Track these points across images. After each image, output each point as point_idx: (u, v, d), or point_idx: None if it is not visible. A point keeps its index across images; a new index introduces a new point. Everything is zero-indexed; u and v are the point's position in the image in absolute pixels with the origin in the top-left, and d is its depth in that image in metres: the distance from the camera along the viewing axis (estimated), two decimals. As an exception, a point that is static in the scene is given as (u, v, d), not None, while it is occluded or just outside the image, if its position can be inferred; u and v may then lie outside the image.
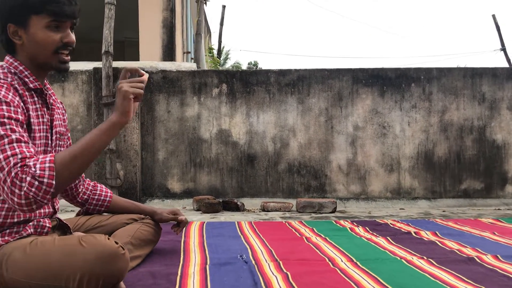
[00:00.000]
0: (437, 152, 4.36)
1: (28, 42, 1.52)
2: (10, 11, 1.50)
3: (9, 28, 1.52)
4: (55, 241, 1.52)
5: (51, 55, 1.54)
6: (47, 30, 1.51)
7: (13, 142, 1.37)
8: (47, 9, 1.49)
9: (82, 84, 4.15)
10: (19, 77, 1.54)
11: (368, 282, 1.73)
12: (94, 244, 1.47)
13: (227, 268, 1.93)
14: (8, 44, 1.56)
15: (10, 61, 1.56)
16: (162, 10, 5.30)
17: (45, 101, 1.63)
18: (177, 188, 4.23)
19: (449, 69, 4.43)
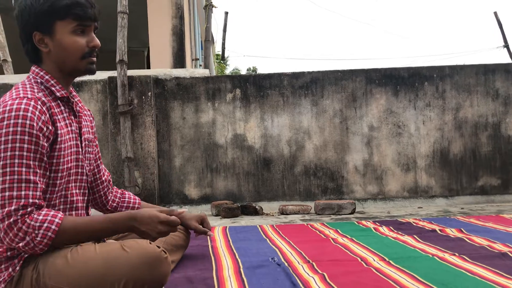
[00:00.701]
0: (452, 150, 4.35)
1: (55, 49, 1.52)
2: (36, 18, 1.49)
3: (35, 37, 1.51)
4: (96, 248, 1.52)
5: (79, 60, 1.55)
6: (73, 35, 1.52)
7: (22, 182, 1.37)
8: (72, 13, 1.50)
9: (97, 93, 4.17)
10: (45, 86, 1.54)
11: (407, 280, 1.73)
12: (137, 249, 1.48)
13: (262, 271, 1.93)
14: (34, 53, 1.55)
15: (36, 71, 1.55)
16: (172, 18, 5.33)
17: (72, 109, 1.63)
18: (194, 194, 4.23)
19: (461, 66, 4.43)
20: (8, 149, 1.37)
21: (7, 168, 1.36)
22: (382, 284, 1.69)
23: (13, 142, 1.37)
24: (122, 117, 3.98)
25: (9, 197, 1.34)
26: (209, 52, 6.38)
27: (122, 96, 3.97)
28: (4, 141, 1.37)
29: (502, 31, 14.81)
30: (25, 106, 1.40)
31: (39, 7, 1.48)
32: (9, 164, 1.36)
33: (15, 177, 1.36)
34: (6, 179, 1.35)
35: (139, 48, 12.09)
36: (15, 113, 1.38)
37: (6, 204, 1.34)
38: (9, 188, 1.35)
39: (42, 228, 1.37)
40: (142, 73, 4.21)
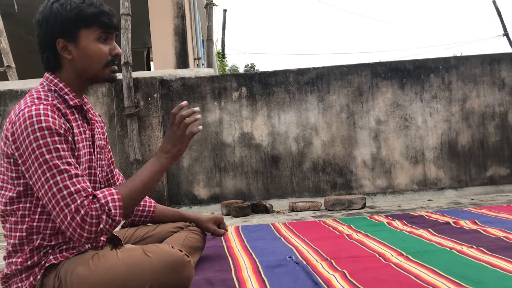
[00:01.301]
0: (460, 141, 4.34)
1: (79, 56, 1.52)
2: (62, 25, 1.48)
3: (59, 44, 1.50)
4: (118, 254, 1.52)
5: (102, 68, 1.55)
6: (97, 42, 1.52)
7: (73, 178, 1.38)
8: (98, 21, 1.51)
9: (102, 96, 4.16)
10: (59, 94, 1.53)
11: (428, 274, 1.72)
12: (160, 254, 1.48)
13: (281, 270, 1.93)
14: (55, 60, 1.54)
15: (50, 78, 1.55)
16: (173, 18, 5.32)
17: (85, 116, 1.62)
18: (203, 194, 4.23)
19: (466, 57, 4.42)
20: (45, 153, 1.37)
21: (54, 170, 1.37)
22: (403, 279, 1.69)
23: (47, 145, 1.37)
24: (129, 119, 3.98)
25: (69, 194, 1.36)
26: (211, 51, 6.37)
27: (128, 98, 3.96)
28: (37, 146, 1.37)
29: (501, 20, 14.77)
30: (44, 111, 1.40)
31: (66, 14, 1.48)
32: (53, 165, 1.37)
33: (65, 175, 1.37)
34: (57, 179, 1.36)
35: (139, 49, 12.08)
36: (36, 118, 1.38)
37: (70, 201, 1.36)
38: (65, 186, 1.36)
39: (109, 202, 1.40)
40: (147, 75, 4.21)
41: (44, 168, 1.36)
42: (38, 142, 1.37)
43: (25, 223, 1.48)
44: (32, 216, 1.46)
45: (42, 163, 1.37)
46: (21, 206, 1.47)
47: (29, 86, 4.22)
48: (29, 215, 1.47)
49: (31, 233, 1.48)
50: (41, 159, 1.37)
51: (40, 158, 1.37)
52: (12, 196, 1.47)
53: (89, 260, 1.50)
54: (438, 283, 1.61)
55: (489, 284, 1.58)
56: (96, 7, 1.51)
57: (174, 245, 1.96)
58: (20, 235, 1.48)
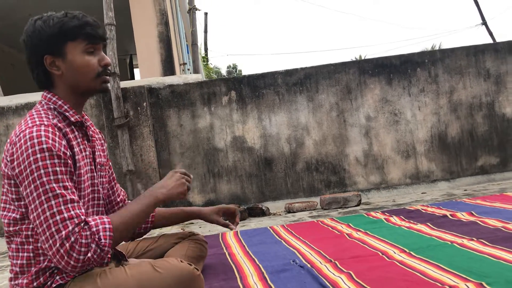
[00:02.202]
0: (450, 133, 4.39)
1: (68, 70, 1.50)
2: (47, 42, 1.47)
3: (46, 60, 1.48)
4: (126, 270, 1.51)
5: (93, 80, 1.53)
6: (85, 55, 1.50)
7: (68, 203, 1.36)
8: (83, 33, 1.49)
9: (91, 108, 4.13)
10: (59, 112, 1.51)
11: (433, 270, 1.74)
12: (170, 269, 1.47)
13: (286, 275, 1.93)
14: (46, 77, 1.52)
15: (48, 96, 1.53)
16: (157, 25, 5.29)
17: (86, 133, 1.60)
18: (198, 200, 4.22)
19: (451, 49, 4.47)
20: (42, 175, 1.35)
21: (49, 194, 1.35)
22: (410, 277, 1.70)
23: (45, 168, 1.35)
24: (119, 130, 3.95)
25: (61, 220, 1.33)
26: (197, 56, 6.35)
27: (118, 109, 3.93)
28: (35, 168, 1.35)
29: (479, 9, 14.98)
30: (45, 133, 1.38)
31: (50, 30, 1.47)
32: (49, 189, 1.35)
33: (60, 200, 1.35)
34: (52, 204, 1.34)
35: (121, 56, 11.99)
36: (37, 140, 1.36)
37: (61, 227, 1.33)
38: (59, 211, 1.34)
39: (100, 231, 1.38)
40: (135, 84, 4.18)
41: (40, 191, 1.35)
42: (37, 164, 1.35)
43: (30, 244, 1.46)
44: (35, 237, 1.45)
45: (39, 186, 1.35)
46: (25, 227, 1.46)
47: (16, 101, 4.17)
48: (33, 236, 1.45)
49: (38, 254, 1.46)
50: (38, 181, 1.35)
51: (37, 180, 1.35)
52: (15, 217, 1.46)
53: (97, 278, 1.49)
54: (444, 279, 1.63)
55: (495, 276, 1.60)
56: (79, 19, 1.49)
57: (177, 256, 1.97)
58: (27, 255, 1.47)
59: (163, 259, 1.58)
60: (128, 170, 3.91)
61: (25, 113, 4.06)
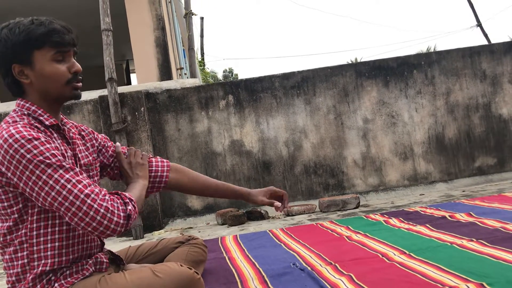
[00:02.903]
0: (447, 134, 4.40)
1: (37, 79, 1.48)
2: (13, 50, 1.45)
3: (14, 69, 1.47)
4: (126, 276, 1.51)
5: (63, 87, 1.51)
6: (53, 62, 1.48)
7: (82, 181, 1.39)
8: (49, 41, 1.46)
9: (88, 114, 4.12)
10: (33, 117, 1.49)
11: (434, 272, 1.74)
12: (170, 273, 1.47)
13: (287, 278, 1.93)
14: (16, 86, 1.51)
15: (21, 103, 1.51)
16: (154, 30, 5.29)
17: (64, 136, 1.58)
18: (197, 205, 4.21)
19: (447, 51, 4.49)
20: (43, 160, 1.35)
21: (60, 170, 1.37)
22: (410, 278, 1.70)
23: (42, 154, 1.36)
24: (117, 135, 3.94)
25: (87, 196, 1.37)
26: (193, 60, 6.35)
27: (115, 114, 3.93)
28: (31, 156, 1.35)
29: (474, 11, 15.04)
30: (23, 128, 1.39)
31: (15, 39, 1.44)
32: (57, 166, 1.37)
33: (72, 173, 1.39)
34: (66, 177, 1.37)
35: (118, 61, 11.99)
36: (19, 134, 1.36)
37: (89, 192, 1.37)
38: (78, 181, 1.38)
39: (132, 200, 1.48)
40: (132, 89, 4.18)
41: (49, 173, 1.35)
42: (32, 153, 1.35)
43: (24, 250, 1.45)
44: (30, 241, 1.44)
45: (45, 169, 1.35)
46: (18, 234, 1.44)
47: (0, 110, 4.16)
48: (27, 241, 1.44)
49: (32, 259, 1.45)
50: (42, 165, 1.35)
51: (40, 166, 1.35)
52: (9, 225, 1.45)
53: (96, 284, 1.49)
54: (445, 280, 1.63)
55: (495, 276, 1.60)
56: (46, 26, 1.46)
57: (177, 261, 1.96)
58: (21, 262, 1.46)
59: (163, 263, 1.57)
60: (126, 175, 3.89)
61: None
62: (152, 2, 5.34)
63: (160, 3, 5.40)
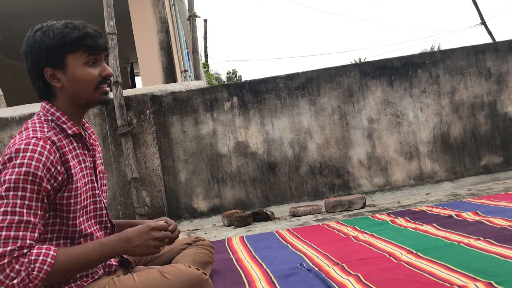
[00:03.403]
0: (452, 133, 4.39)
1: (69, 82, 1.49)
2: (46, 54, 1.46)
3: (47, 72, 1.47)
4: (134, 278, 1.51)
5: (93, 91, 1.52)
6: (86, 66, 1.49)
7: (22, 223, 1.31)
8: (83, 45, 1.47)
9: (94, 117, 4.14)
10: (56, 124, 1.50)
11: (442, 271, 1.74)
12: (178, 274, 1.47)
13: (294, 279, 1.93)
14: (47, 89, 1.51)
15: (47, 107, 1.52)
16: (158, 33, 5.31)
17: (85, 143, 1.59)
18: (203, 206, 4.22)
19: (452, 50, 4.48)
20: (10, 189, 1.32)
21: (8, 208, 1.31)
22: (418, 278, 1.70)
23: (16, 182, 1.32)
24: (123, 138, 3.96)
25: (5, 237, 1.28)
26: (198, 63, 6.37)
27: (121, 117, 3.95)
28: (8, 180, 1.33)
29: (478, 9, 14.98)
30: (33, 147, 1.36)
31: (49, 42, 1.45)
32: (11, 204, 1.31)
33: (16, 218, 1.30)
34: (6, 218, 1.30)
35: (122, 65, 12.04)
36: (22, 153, 1.35)
37: (1, 244, 1.28)
38: (7, 228, 1.29)
39: (38, 261, 1.30)
40: (137, 92, 4.20)
41: (3, 202, 1.31)
42: (11, 177, 1.33)
43: None
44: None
45: (4, 197, 1.32)
46: None
47: (20, 112, 4.19)
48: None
49: None
50: (4, 193, 1.32)
51: (3, 192, 1.32)
52: None
53: (105, 286, 1.49)
54: (453, 279, 1.63)
55: (503, 275, 1.60)
56: (80, 30, 1.47)
57: (185, 262, 1.97)
58: None
59: (171, 265, 1.58)
60: (132, 177, 3.91)
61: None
62: (155, 5, 5.36)
63: (163, 6, 5.42)
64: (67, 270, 1.39)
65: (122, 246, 1.48)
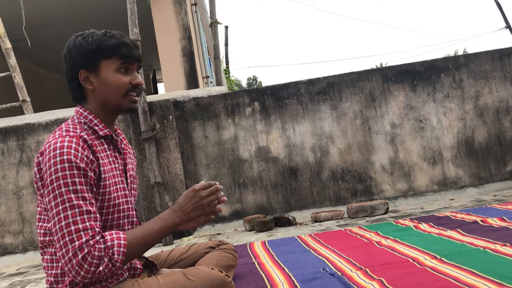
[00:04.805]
0: (477, 138, 4.33)
1: (100, 86, 1.56)
2: (83, 57, 1.54)
3: (81, 75, 1.56)
4: (159, 280, 1.54)
5: (122, 98, 1.58)
6: (117, 73, 1.56)
7: (84, 214, 1.38)
8: (118, 52, 1.54)
9: (118, 123, 4.21)
10: (89, 126, 1.57)
11: (467, 276, 1.72)
12: (202, 277, 1.49)
13: (317, 283, 1.93)
14: (79, 91, 1.59)
15: (80, 111, 1.59)
16: (180, 40, 5.38)
17: (116, 146, 1.65)
18: (225, 211, 4.24)
19: (475, 54, 4.42)
20: (61, 185, 1.38)
21: (67, 204, 1.37)
22: (443, 283, 1.68)
23: (64, 178, 1.39)
24: (146, 143, 4.02)
25: (76, 231, 1.35)
26: (219, 69, 6.42)
27: (144, 122, 4.01)
28: (55, 178, 1.39)
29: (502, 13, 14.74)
30: (68, 143, 1.43)
31: (87, 46, 1.54)
32: (67, 199, 1.38)
33: (77, 210, 1.37)
34: (68, 214, 1.37)
35: (145, 71, 12.23)
36: (59, 150, 1.41)
37: (75, 238, 1.35)
38: (74, 222, 1.36)
39: (114, 246, 1.38)
40: (161, 98, 4.25)
41: (58, 201, 1.38)
42: (57, 174, 1.39)
43: None
44: None
45: (58, 196, 1.38)
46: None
47: (46, 118, 4.29)
48: None
49: None
50: (57, 191, 1.39)
51: (56, 190, 1.39)
52: (50, 227, 1.50)
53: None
54: (479, 285, 1.61)
55: (531, 281, 1.57)
56: (117, 39, 1.56)
57: (208, 265, 1.99)
58: (61, 265, 1.50)
59: (195, 267, 1.60)
60: (155, 182, 3.96)
61: (54, 129, 4.16)
62: (178, 12, 5.44)
63: (186, 13, 5.49)
64: (137, 248, 1.46)
65: (178, 216, 1.50)
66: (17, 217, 4.19)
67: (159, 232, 1.49)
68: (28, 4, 5.63)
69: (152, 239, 1.48)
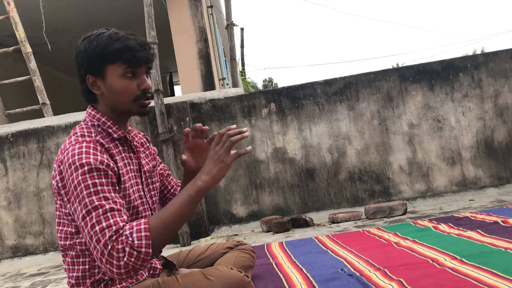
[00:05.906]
0: (496, 138, 4.26)
1: (107, 91, 1.54)
2: (88, 62, 1.52)
3: (88, 79, 1.54)
4: (178, 280, 1.55)
5: (131, 103, 1.55)
6: (123, 78, 1.52)
7: (107, 212, 1.36)
8: (121, 57, 1.50)
9: (136, 125, 4.25)
10: (102, 128, 1.56)
11: (488, 277, 1.70)
12: (221, 276, 1.50)
13: (336, 284, 1.92)
14: (89, 94, 1.59)
15: (92, 113, 1.58)
16: (196, 42, 5.42)
17: (130, 146, 1.65)
18: (242, 212, 4.26)
19: (494, 52, 4.36)
20: (83, 190, 1.38)
21: (89, 206, 1.37)
22: (464, 284, 1.67)
23: (85, 181, 1.38)
24: (164, 145, 4.05)
25: (100, 230, 1.34)
26: (235, 71, 6.44)
27: (162, 124, 4.04)
28: (77, 183, 1.39)
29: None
30: (86, 149, 1.43)
31: (92, 52, 1.51)
32: (89, 202, 1.37)
33: (100, 211, 1.36)
34: (92, 215, 1.36)
35: (162, 74, 12.32)
36: (78, 156, 1.41)
37: (100, 237, 1.34)
38: (98, 222, 1.35)
39: (133, 233, 1.34)
40: (178, 100, 4.28)
41: (82, 206, 1.38)
42: (78, 179, 1.39)
43: (86, 257, 1.52)
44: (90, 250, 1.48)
45: (81, 201, 1.38)
46: (79, 241, 1.50)
47: (66, 120, 4.35)
48: (88, 249, 1.50)
49: (93, 267, 1.52)
50: (80, 196, 1.38)
51: (79, 196, 1.38)
52: (71, 231, 1.51)
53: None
54: (501, 286, 1.59)
55: (554, 282, 1.54)
56: (121, 43, 1.50)
57: (227, 265, 2.00)
58: (82, 268, 1.52)
59: (214, 267, 1.61)
60: (173, 183, 3.99)
61: (74, 131, 4.23)
62: (194, 15, 5.47)
63: (202, 16, 5.52)
64: (167, 226, 1.38)
65: (203, 180, 1.41)
66: (38, 218, 4.26)
67: (185, 203, 1.41)
68: (47, 9, 5.72)
69: (178, 214, 1.40)
